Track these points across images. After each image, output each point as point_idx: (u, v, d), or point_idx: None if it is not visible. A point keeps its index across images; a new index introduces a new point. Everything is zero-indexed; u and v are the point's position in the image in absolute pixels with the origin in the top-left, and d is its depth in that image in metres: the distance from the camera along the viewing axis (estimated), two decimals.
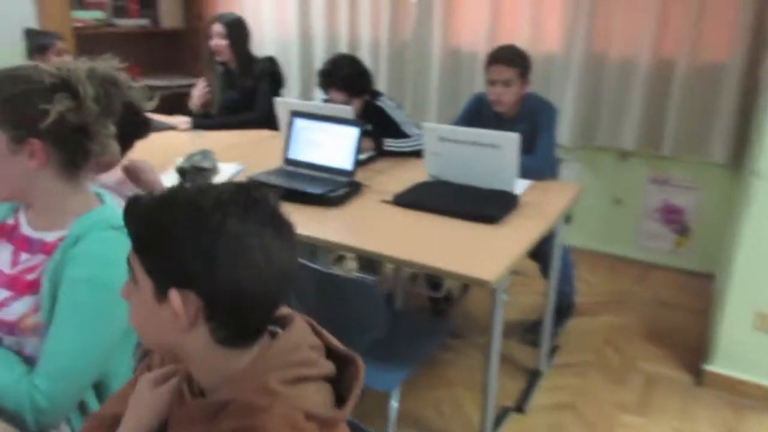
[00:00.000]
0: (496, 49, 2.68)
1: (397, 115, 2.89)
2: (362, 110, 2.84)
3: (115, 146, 1.27)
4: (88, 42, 4.24)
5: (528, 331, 2.71)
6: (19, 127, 1.14)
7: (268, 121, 3.21)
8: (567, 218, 2.82)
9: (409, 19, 3.99)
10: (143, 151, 3.13)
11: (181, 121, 3.25)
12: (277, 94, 3.47)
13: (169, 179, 2.31)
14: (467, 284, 3.04)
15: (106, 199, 1.34)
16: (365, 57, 4.16)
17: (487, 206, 2.07)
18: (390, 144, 2.77)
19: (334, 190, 2.17)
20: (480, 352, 2.61)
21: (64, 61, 1.26)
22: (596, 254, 3.61)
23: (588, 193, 3.27)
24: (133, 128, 1.88)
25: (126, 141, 1.88)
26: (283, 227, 0.82)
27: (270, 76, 3.39)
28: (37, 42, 3.43)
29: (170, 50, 4.97)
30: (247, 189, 0.82)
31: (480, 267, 1.70)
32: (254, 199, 0.80)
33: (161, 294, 0.79)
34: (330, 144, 2.34)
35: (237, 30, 3.39)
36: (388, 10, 3.99)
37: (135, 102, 1.88)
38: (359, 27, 4.18)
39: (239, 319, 0.81)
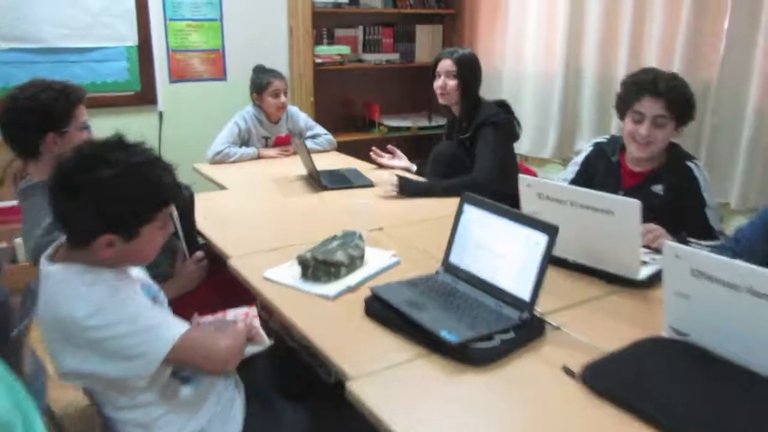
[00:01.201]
0: None
1: (709, 196, 1.97)
2: (665, 169, 2.01)
3: None
4: (328, 78, 4.02)
5: None
6: None
7: (490, 187, 2.45)
8: None
9: (716, 50, 2.82)
10: (324, 211, 2.43)
11: (387, 181, 2.59)
12: (507, 150, 2.69)
13: (289, 272, 1.74)
14: None
15: None
16: None
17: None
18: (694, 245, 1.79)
19: (490, 335, 1.33)
20: None
21: None
22: None
23: None
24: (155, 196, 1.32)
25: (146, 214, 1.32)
26: None
27: (494, 125, 2.62)
28: (256, 81, 3.23)
29: (420, 88, 4.52)
30: None
31: None
32: None
33: None
34: (507, 253, 1.50)
35: (470, 68, 2.69)
36: (686, 39, 2.88)
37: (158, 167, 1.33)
38: (643, 61, 3.13)
39: None
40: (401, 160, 3.01)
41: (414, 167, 3.00)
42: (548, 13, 3.59)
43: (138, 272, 1.44)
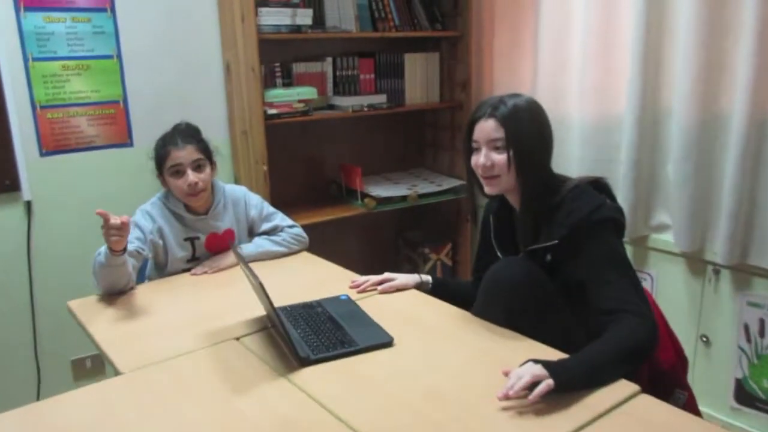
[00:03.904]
0: None
1: None
2: None
3: None
4: (286, 135, 2.83)
5: None
6: None
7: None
8: None
9: None
10: None
11: (517, 375, 1.22)
12: (624, 257, 1.52)
13: None
14: None
15: None
16: None
17: None
18: None
19: None
20: None
21: None
22: None
23: None
24: None
25: None
26: None
27: (609, 224, 1.48)
28: (155, 154, 2.00)
29: (412, 139, 3.34)
30: None
31: None
32: None
33: None
34: None
35: (529, 129, 1.54)
36: None
37: None
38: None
39: None
40: (399, 280, 1.85)
41: (428, 279, 1.85)
42: (603, 30, 2.48)
43: None
